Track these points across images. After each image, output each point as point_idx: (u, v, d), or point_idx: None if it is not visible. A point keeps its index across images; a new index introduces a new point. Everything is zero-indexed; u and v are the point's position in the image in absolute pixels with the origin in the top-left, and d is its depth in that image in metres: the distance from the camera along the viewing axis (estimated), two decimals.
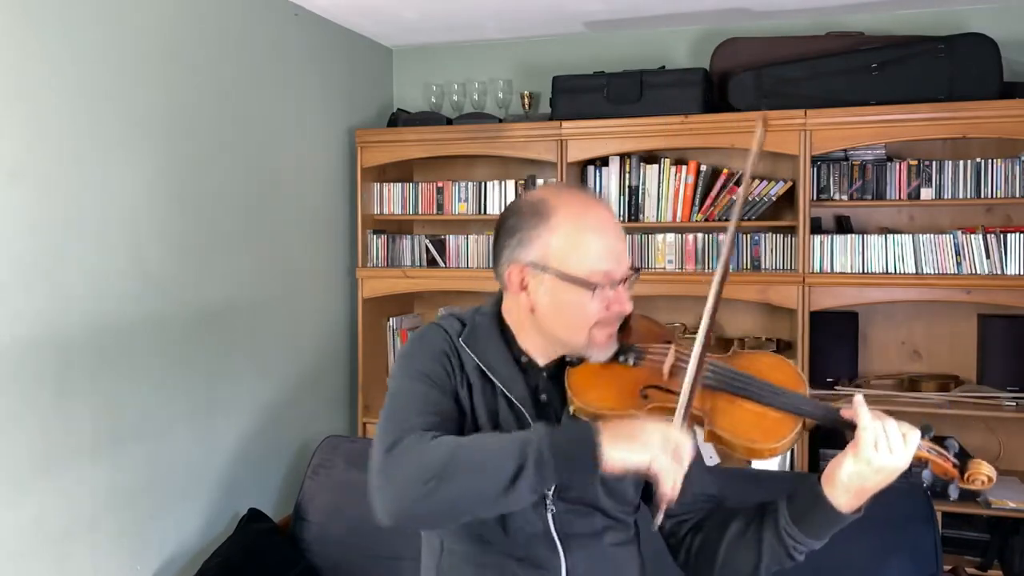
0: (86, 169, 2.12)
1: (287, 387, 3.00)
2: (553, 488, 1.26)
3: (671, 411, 1.16)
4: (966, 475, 1.15)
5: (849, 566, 1.96)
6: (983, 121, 2.74)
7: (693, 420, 1.21)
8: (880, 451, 1.11)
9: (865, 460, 1.12)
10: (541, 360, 1.32)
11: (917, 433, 1.13)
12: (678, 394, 1.18)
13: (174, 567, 2.43)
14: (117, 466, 2.23)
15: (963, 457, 1.17)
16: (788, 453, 2.91)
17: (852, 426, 1.15)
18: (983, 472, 1.14)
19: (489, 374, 1.28)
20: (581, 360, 1.29)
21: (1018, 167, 2.84)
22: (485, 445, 1.11)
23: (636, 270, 1.29)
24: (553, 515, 1.27)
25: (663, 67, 3.17)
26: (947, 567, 2.72)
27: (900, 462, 1.12)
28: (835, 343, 3.05)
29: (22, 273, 1.95)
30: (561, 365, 1.30)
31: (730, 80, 3.01)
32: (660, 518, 1.15)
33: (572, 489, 1.28)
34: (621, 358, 1.28)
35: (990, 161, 2.87)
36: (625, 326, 1.32)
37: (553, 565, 1.26)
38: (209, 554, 2.40)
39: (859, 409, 1.14)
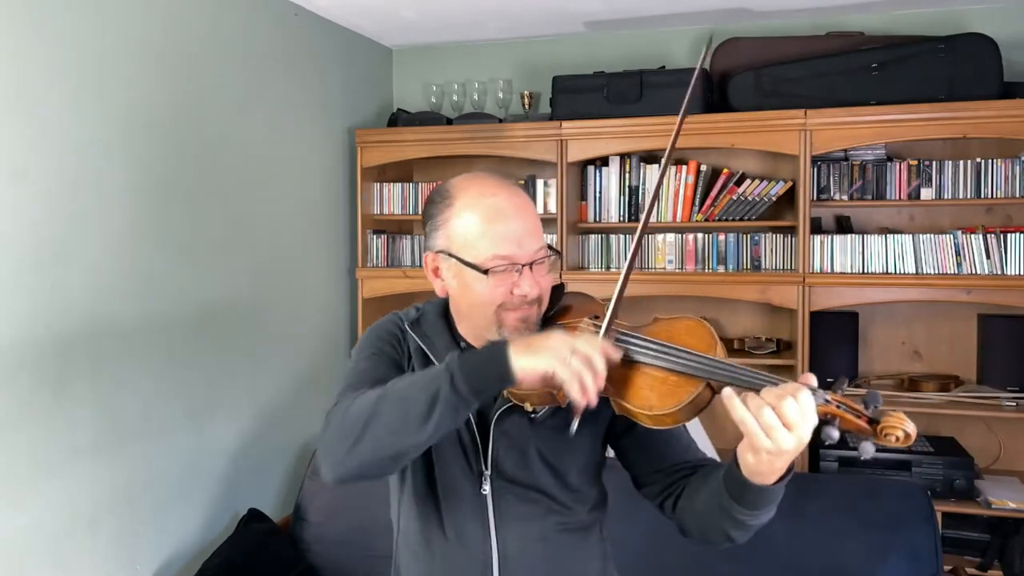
0: (86, 169, 2.12)
1: (287, 387, 2.99)
2: (491, 465, 1.28)
3: None
4: (879, 429, 1.01)
5: (849, 566, 1.97)
6: (983, 121, 2.74)
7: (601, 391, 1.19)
8: (774, 438, 1.00)
9: (763, 451, 1.02)
10: (477, 346, 1.32)
11: (809, 397, 1.00)
12: None
13: (174, 567, 2.43)
14: (117, 466, 2.22)
15: (878, 411, 1.04)
16: None
17: (757, 388, 1.04)
18: (899, 427, 1.00)
19: (430, 355, 1.31)
20: None
21: (1018, 167, 2.85)
22: (403, 383, 1.15)
23: (555, 251, 1.30)
24: (491, 494, 1.28)
25: (663, 67, 3.17)
26: (947, 567, 2.72)
27: (801, 437, 1.00)
28: (835, 343, 3.05)
29: (22, 273, 1.95)
30: None
31: (730, 80, 3.01)
32: (575, 424, 1.14)
33: (509, 466, 1.28)
34: None
35: (990, 161, 2.87)
36: (558, 304, 1.33)
37: (483, 547, 1.27)
38: (209, 554, 2.40)
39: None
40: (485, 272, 1.22)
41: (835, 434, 1.02)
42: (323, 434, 1.19)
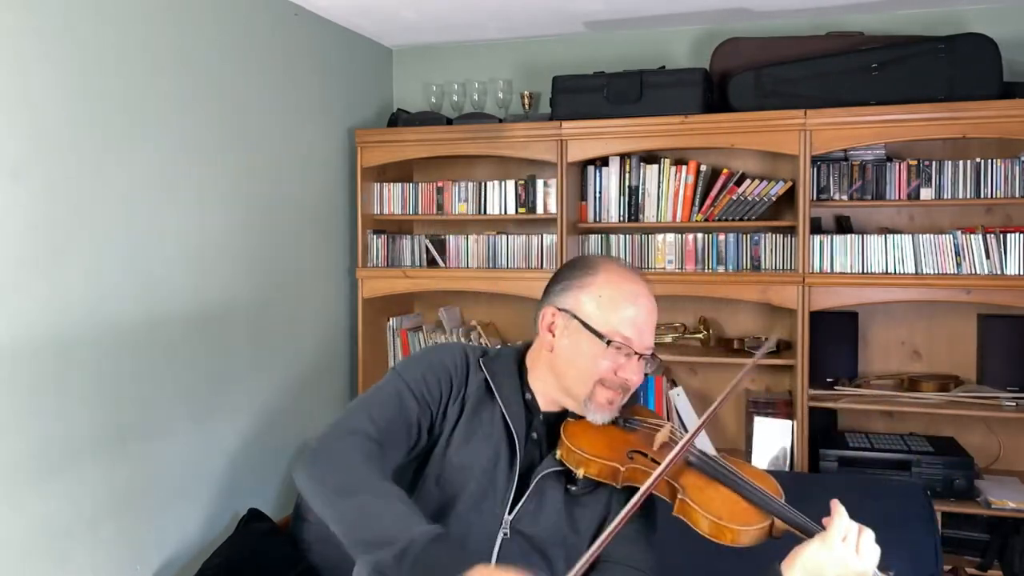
0: (87, 169, 2.12)
1: (287, 387, 3.00)
2: (515, 513, 1.31)
3: (648, 476, 1.25)
4: None
5: None
6: (983, 121, 2.74)
7: (667, 490, 1.29)
8: (847, 545, 1.18)
9: (829, 547, 1.18)
10: (543, 404, 1.41)
11: (878, 552, 1.20)
12: (659, 465, 1.26)
13: (174, 567, 2.43)
14: (117, 466, 2.23)
15: None
16: (788, 454, 2.91)
17: (814, 533, 1.22)
18: None
19: (494, 389, 1.36)
20: (581, 418, 1.38)
21: (1018, 167, 2.84)
22: (383, 506, 1.15)
23: (655, 357, 1.37)
24: (501, 539, 1.31)
25: (663, 67, 3.17)
26: (947, 567, 2.72)
27: (860, 566, 1.17)
28: (835, 343, 3.05)
29: (22, 273, 1.95)
30: (561, 416, 1.39)
31: (730, 80, 3.01)
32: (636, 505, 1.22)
33: (531, 523, 1.31)
34: (619, 421, 1.40)
35: (990, 161, 2.87)
36: (627, 407, 1.42)
37: None
38: (209, 554, 2.40)
39: (837, 506, 1.22)
40: (607, 343, 1.30)
41: None
42: (320, 453, 1.22)
